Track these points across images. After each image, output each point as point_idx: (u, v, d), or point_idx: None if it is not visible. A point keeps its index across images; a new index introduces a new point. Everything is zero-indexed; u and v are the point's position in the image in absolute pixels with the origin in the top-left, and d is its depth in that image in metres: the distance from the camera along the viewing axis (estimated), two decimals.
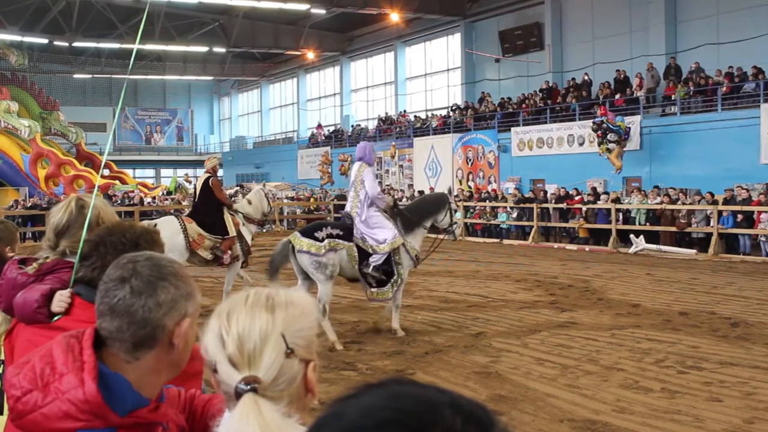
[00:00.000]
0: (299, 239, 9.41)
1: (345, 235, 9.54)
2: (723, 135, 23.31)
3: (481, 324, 10.52)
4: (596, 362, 8.26)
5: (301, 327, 1.50)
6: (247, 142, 58.01)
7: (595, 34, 31.65)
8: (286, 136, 52.75)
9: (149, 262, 1.82)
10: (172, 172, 54.02)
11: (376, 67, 46.38)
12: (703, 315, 10.93)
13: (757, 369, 7.84)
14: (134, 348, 1.76)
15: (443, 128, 35.27)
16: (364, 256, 9.56)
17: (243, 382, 1.42)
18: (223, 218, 11.70)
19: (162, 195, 34.32)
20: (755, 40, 25.38)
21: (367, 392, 1.03)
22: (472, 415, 0.99)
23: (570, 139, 27.95)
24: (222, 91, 63.39)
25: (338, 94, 49.17)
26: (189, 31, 44.68)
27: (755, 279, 14.93)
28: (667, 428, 6.18)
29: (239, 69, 54.95)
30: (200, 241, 11.38)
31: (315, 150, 44.30)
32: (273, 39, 45.32)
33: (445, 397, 1.01)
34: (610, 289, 13.73)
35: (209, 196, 11.77)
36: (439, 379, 7.65)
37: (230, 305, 1.52)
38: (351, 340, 9.57)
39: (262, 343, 1.45)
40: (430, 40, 41.62)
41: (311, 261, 9.31)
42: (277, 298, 1.52)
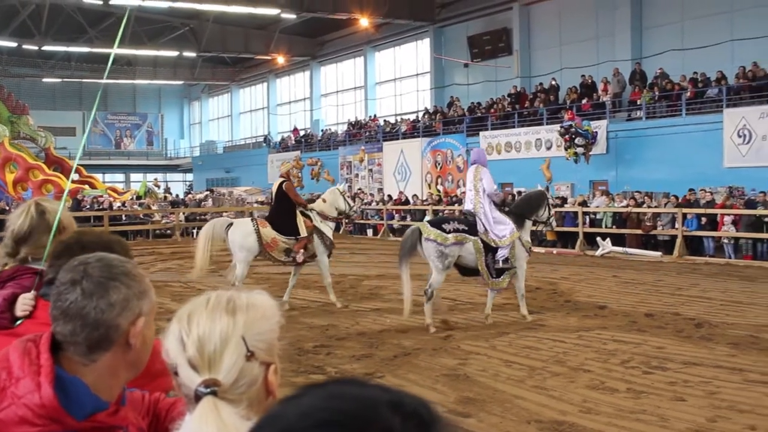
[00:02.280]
0: (428, 228, 10.44)
1: (469, 230, 10.50)
2: (687, 139, 23.63)
3: (449, 326, 10.55)
4: (563, 363, 8.33)
5: (262, 330, 1.50)
6: (218, 147, 57.76)
7: (562, 39, 31.93)
8: (256, 141, 52.57)
9: (100, 263, 1.80)
10: (142, 177, 53.52)
11: (345, 71, 46.40)
12: (668, 316, 11.08)
13: (720, 368, 7.96)
14: (89, 350, 1.75)
15: (412, 132, 35.38)
16: (487, 249, 10.53)
17: (203, 385, 1.42)
18: (296, 220, 12.38)
19: (132, 200, 33.98)
20: (718, 46, 25.76)
21: (307, 393, 1.05)
22: (413, 413, 1.00)
23: (538, 143, 28.17)
24: (192, 95, 63.08)
25: (308, 98, 49.15)
26: (159, 36, 44.43)
27: (719, 280, 15.14)
28: (632, 428, 6.25)
29: (209, 73, 54.74)
30: (274, 244, 12.18)
31: (285, 154, 44.17)
32: (243, 43, 45.22)
33: (387, 396, 1.02)
34: (577, 291, 13.86)
35: (284, 198, 12.56)
36: (408, 382, 7.68)
37: (191, 308, 1.51)
38: (320, 344, 9.57)
39: (223, 345, 1.45)
40: (399, 45, 41.74)
41: (435, 249, 10.28)
42: (239, 301, 1.52)
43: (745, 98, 23.37)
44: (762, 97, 22.82)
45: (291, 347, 9.35)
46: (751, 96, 23.24)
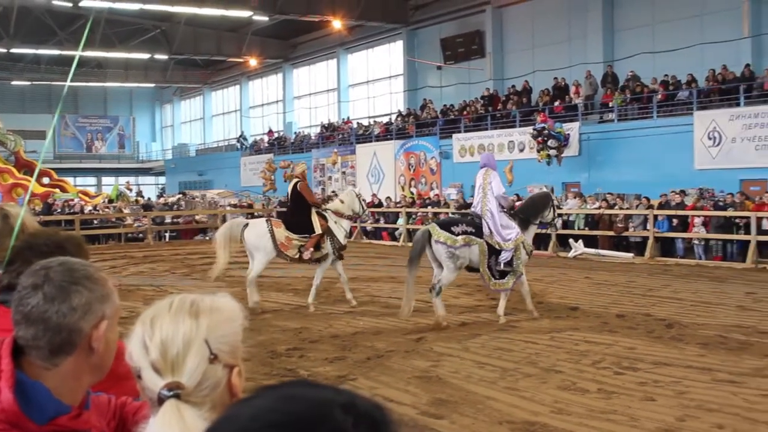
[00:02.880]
0: (437, 231, 10.80)
1: (476, 232, 10.90)
2: (658, 141, 23.86)
3: (422, 328, 10.57)
4: (535, 365, 8.37)
5: (225, 333, 1.50)
6: (190, 150, 57.46)
7: (535, 42, 32.10)
8: (229, 143, 52.35)
9: (61, 268, 1.79)
10: (113, 180, 53.16)
11: (318, 74, 46.35)
12: (639, 317, 11.17)
13: (689, 368, 8.03)
14: (52, 354, 1.74)
15: (385, 135, 35.41)
16: (492, 251, 10.91)
17: (166, 388, 1.42)
18: (310, 218, 12.71)
19: (104, 203, 33.70)
20: (689, 49, 26.03)
21: (260, 395, 1.05)
22: (365, 415, 1.01)
23: (511, 145, 28.29)
24: (164, 98, 62.72)
25: (281, 101, 49.04)
26: (130, 38, 44.10)
27: (689, 281, 15.29)
28: (603, 428, 6.28)
29: (181, 76, 54.46)
30: (288, 243, 12.50)
31: (258, 157, 44.09)
32: (215, 46, 45.00)
33: (339, 397, 1.03)
34: (550, 292, 13.93)
35: (299, 198, 12.90)
36: (380, 384, 7.68)
37: (154, 311, 1.51)
38: (293, 347, 9.54)
39: (186, 348, 1.45)
40: (372, 47, 41.75)
41: (446, 251, 10.70)
42: (202, 304, 1.52)
43: (715, 101, 23.64)
44: (731, 99, 23.10)
45: (264, 350, 9.32)
46: (721, 99, 23.53)
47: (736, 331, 9.92)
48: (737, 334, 9.72)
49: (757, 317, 11.06)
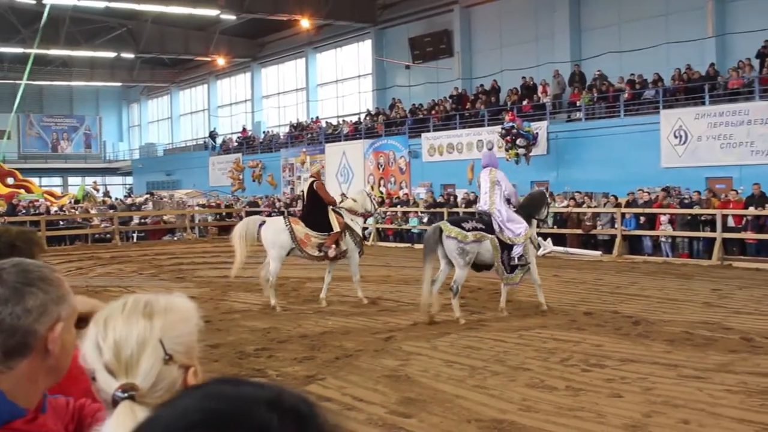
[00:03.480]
0: (448, 227, 11.14)
1: (486, 228, 11.26)
2: (625, 140, 24.07)
3: (391, 328, 10.57)
4: (504, 363, 8.40)
5: (180, 333, 1.49)
6: (158, 149, 57.00)
7: (502, 41, 32.25)
8: (197, 143, 52.02)
9: (15, 269, 1.75)
10: (80, 180, 52.58)
11: (287, 73, 46.21)
12: (607, 314, 11.25)
13: (656, 365, 8.10)
14: (6, 357, 1.70)
15: (354, 134, 35.38)
16: (504, 247, 11.31)
17: (120, 390, 1.40)
18: (328, 216, 12.98)
19: (70, 204, 33.33)
20: (654, 48, 26.31)
21: (187, 394, 1.05)
22: (291, 410, 1.00)
23: (479, 144, 28.37)
24: (131, 97, 62.19)
25: (249, 100, 48.82)
26: (96, 36, 43.63)
27: (656, 279, 15.44)
28: (570, 425, 6.31)
29: (148, 75, 54.02)
30: (307, 240, 12.72)
31: (226, 157, 43.89)
32: (183, 45, 44.70)
33: (264, 393, 1.02)
34: (518, 291, 13.92)
35: (315, 197, 13.17)
36: (349, 384, 7.66)
37: (108, 312, 1.49)
38: (262, 347, 9.48)
39: (140, 349, 1.43)
40: (340, 46, 41.71)
41: (456, 247, 10.99)
42: (156, 304, 1.50)
43: (681, 100, 23.90)
44: (696, 98, 23.37)
45: (232, 351, 9.27)
46: (686, 97, 23.79)
47: (702, 328, 10.02)
48: (703, 331, 9.82)
49: (722, 314, 11.19)
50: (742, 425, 6.11)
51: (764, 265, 17.06)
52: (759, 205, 18.20)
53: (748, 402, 6.70)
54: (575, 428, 6.23)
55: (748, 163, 21.10)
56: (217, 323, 11.13)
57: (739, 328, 9.93)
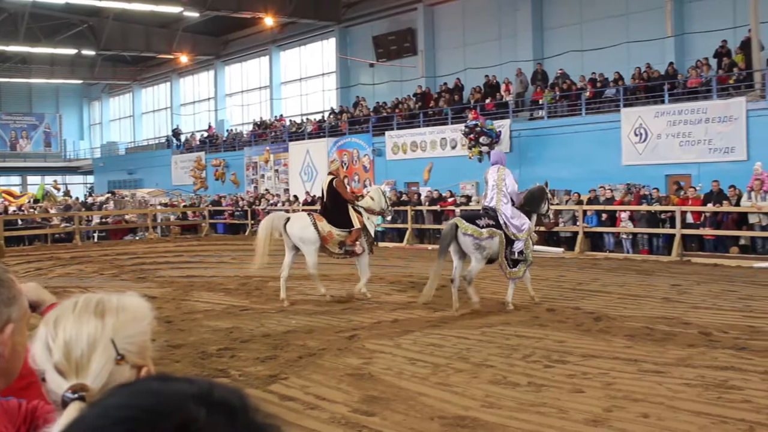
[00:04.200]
0: (464, 224, 11.54)
1: (496, 224, 11.70)
2: (587, 138, 24.29)
3: (355, 326, 10.56)
4: (467, 360, 8.43)
5: (132, 332, 1.47)
6: (120, 148, 56.37)
7: (466, 40, 32.38)
8: (159, 141, 51.53)
9: None
10: (39, 180, 51.82)
11: (250, 71, 45.97)
12: (569, 310, 11.35)
13: (616, 360, 8.19)
14: None
15: (318, 132, 35.31)
16: (508, 242, 11.75)
17: (70, 391, 1.38)
18: (348, 213, 13.26)
19: (29, 203, 32.86)
20: (615, 47, 26.59)
21: (115, 392, 1.04)
22: (221, 403, 1.00)
23: (443, 142, 28.47)
24: (92, 95, 61.42)
25: (213, 98, 48.48)
26: (56, 33, 42.95)
27: (617, 275, 15.62)
28: (532, 420, 6.35)
29: (110, 72, 53.36)
30: (330, 236, 12.98)
31: (189, 155, 43.55)
32: (145, 42, 44.21)
33: (193, 388, 1.02)
34: (482, 288, 14.00)
35: (335, 194, 13.38)
36: (312, 383, 7.64)
37: (58, 312, 1.47)
38: (224, 347, 9.42)
39: (90, 349, 1.41)
40: (304, 44, 41.60)
41: (473, 243, 11.44)
42: (108, 303, 1.48)
43: (641, 98, 24.18)
44: (656, 97, 23.66)
45: (194, 351, 9.20)
46: (646, 96, 24.08)
47: (662, 323, 10.16)
48: (662, 326, 9.95)
49: (681, 308, 11.35)
50: (700, 418, 6.20)
51: (722, 261, 17.36)
52: (717, 202, 18.50)
53: (706, 395, 6.80)
54: (537, 424, 6.27)
55: (706, 160, 21.42)
56: (178, 323, 11.05)
57: (698, 323, 10.07)
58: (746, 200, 18.02)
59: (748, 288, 13.40)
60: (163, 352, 9.02)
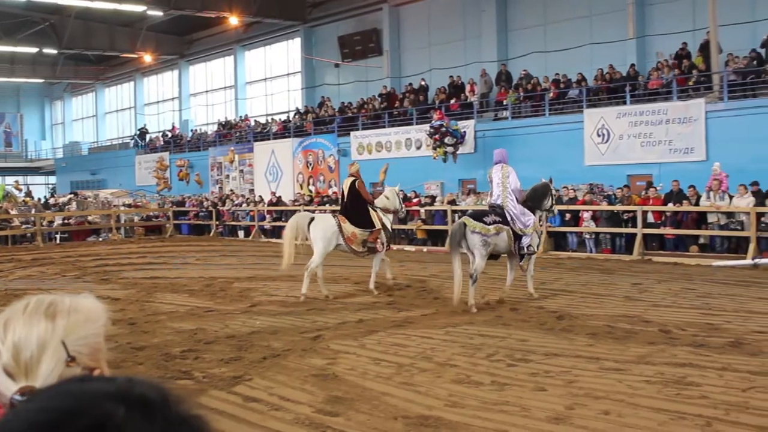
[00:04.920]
0: (472, 222, 11.95)
1: (503, 221, 12.14)
2: (551, 138, 24.51)
3: (320, 327, 10.57)
4: (430, 359, 8.47)
5: (84, 334, 1.45)
6: (82, 148, 55.70)
7: (431, 40, 32.49)
8: (123, 141, 51.02)
9: None
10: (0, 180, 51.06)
11: (215, 71, 45.71)
12: (532, 310, 11.45)
13: (578, 358, 8.29)
14: None
15: (283, 133, 35.23)
16: (515, 237, 12.22)
17: (18, 393, 1.36)
18: (369, 214, 13.77)
19: None
20: (578, 49, 26.86)
21: (35, 396, 1.05)
22: (140, 400, 1.01)
23: (408, 142, 28.56)
24: (54, 94, 60.65)
25: (177, 98, 48.14)
26: (17, 31, 42.37)
27: (580, 274, 15.78)
28: (495, 419, 6.40)
29: (72, 71, 52.72)
30: (354, 237, 13.47)
31: (153, 155, 43.20)
32: (108, 41, 43.73)
33: (110, 387, 1.03)
34: (447, 288, 14.08)
35: (356, 196, 13.84)
36: (276, 384, 7.63)
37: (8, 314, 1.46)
38: (188, 349, 9.37)
39: (40, 351, 1.39)
40: (270, 44, 41.46)
41: (480, 239, 11.87)
42: (60, 304, 1.47)
43: (603, 99, 24.45)
44: (618, 98, 23.94)
45: (158, 352, 9.14)
46: (609, 97, 24.35)
47: (623, 321, 10.28)
48: (624, 324, 10.08)
49: (642, 307, 11.51)
50: (659, 414, 6.30)
51: (682, 259, 17.64)
52: (677, 202, 18.77)
53: (665, 392, 6.91)
54: (500, 422, 6.32)
55: (666, 160, 21.73)
56: (142, 325, 10.98)
57: (658, 321, 10.22)
58: (705, 200, 18.31)
59: (706, 286, 13.63)
60: (126, 354, 8.96)
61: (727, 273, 15.67)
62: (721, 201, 18.00)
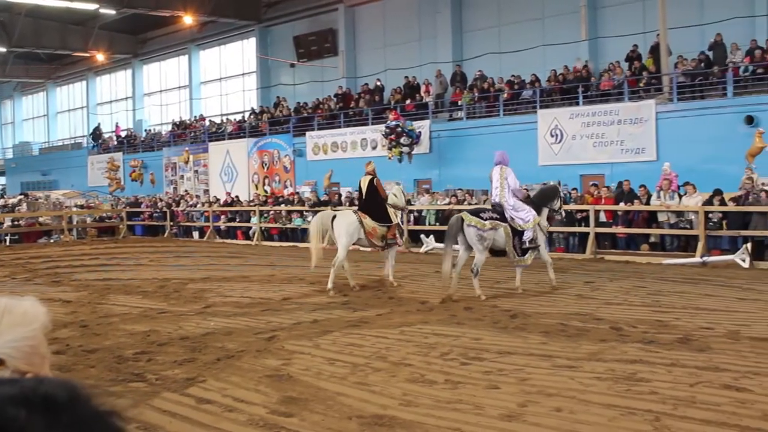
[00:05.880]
0: (469, 217, 12.73)
1: (500, 218, 12.87)
2: (505, 138, 24.66)
3: (274, 327, 10.53)
4: (385, 359, 8.48)
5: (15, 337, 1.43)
6: (33, 148, 54.73)
7: (386, 41, 32.57)
8: (75, 142, 50.26)
9: None
10: None
11: (169, 70, 45.30)
12: (486, 308, 11.53)
13: (531, 356, 8.37)
14: None
15: (238, 133, 35.04)
16: (515, 233, 12.90)
17: None
18: (386, 209, 14.55)
19: None
20: (532, 50, 27.13)
21: None
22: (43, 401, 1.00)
23: (363, 143, 28.58)
24: (3, 93, 59.55)
25: (131, 97, 47.57)
26: None
27: (534, 273, 15.83)
28: (449, 417, 6.43)
29: (23, 70, 51.76)
30: (374, 232, 14.18)
31: (107, 156, 42.64)
32: (60, 39, 43.05)
33: (14, 389, 1.02)
34: (401, 287, 14.17)
35: (375, 192, 14.56)
36: (230, 385, 7.59)
37: None
38: (141, 351, 9.27)
39: None
40: (225, 44, 41.20)
41: (476, 234, 12.57)
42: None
43: (557, 100, 24.73)
44: (571, 98, 24.22)
45: (110, 355, 9.04)
46: (562, 98, 24.63)
47: (575, 319, 10.41)
48: (576, 322, 10.21)
49: (594, 305, 11.66)
50: (609, 410, 6.39)
51: (633, 258, 17.93)
52: (628, 201, 19.05)
53: (615, 388, 7.02)
54: (454, 420, 6.36)
55: (618, 160, 22.06)
56: (94, 327, 10.84)
57: (609, 318, 10.37)
58: (655, 199, 18.61)
59: (657, 284, 13.87)
60: (78, 358, 8.85)
61: (676, 271, 15.98)
62: (671, 200, 18.31)
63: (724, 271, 15.83)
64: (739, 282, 13.97)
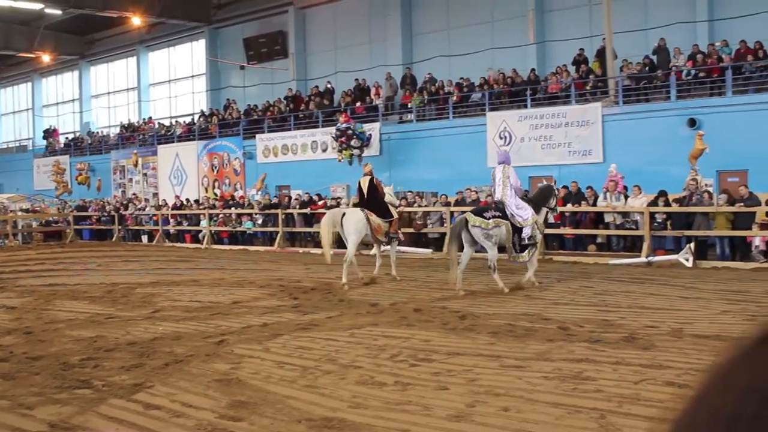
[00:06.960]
0: (473, 217, 13.39)
1: (502, 215, 13.48)
2: (454, 141, 24.90)
3: (223, 331, 10.47)
4: (335, 361, 8.49)
5: None
6: None
7: (337, 43, 32.56)
8: (20, 144, 49.28)
9: None
10: None
11: (117, 72, 44.68)
12: (436, 310, 11.61)
13: (480, 357, 8.45)
14: None
15: (188, 135, 34.72)
16: (515, 230, 13.52)
17: None
18: (387, 206, 15.45)
19: None
20: (481, 53, 27.35)
21: None
22: None
23: (314, 145, 28.55)
24: None
25: (77, 99, 46.80)
26: None
27: (483, 274, 15.98)
28: (398, 419, 6.47)
29: None
30: (379, 228, 15.05)
31: (52, 159, 41.89)
32: (3, 39, 42.16)
33: None
34: (351, 290, 14.19)
35: (375, 190, 15.33)
36: (179, 390, 7.53)
37: None
38: (87, 357, 9.14)
39: None
40: (174, 45, 40.79)
41: (482, 232, 13.32)
42: None
43: (505, 102, 24.98)
44: (520, 101, 24.49)
45: (55, 362, 8.90)
46: (510, 100, 24.89)
47: (523, 319, 10.54)
48: (524, 322, 10.33)
49: (542, 305, 11.83)
50: (556, 409, 6.48)
51: (580, 258, 18.20)
52: (575, 202, 19.32)
53: (562, 387, 7.12)
54: (403, 422, 6.39)
55: (566, 162, 22.36)
56: (39, 334, 10.65)
57: (557, 318, 10.52)
58: (602, 200, 18.91)
59: (603, 284, 14.12)
60: (22, 365, 8.70)
61: (622, 271, 16.27)
62: (617, 201, 18.62)
63: (669, 270, 16.18)
64: (682, 281, 14.29)
